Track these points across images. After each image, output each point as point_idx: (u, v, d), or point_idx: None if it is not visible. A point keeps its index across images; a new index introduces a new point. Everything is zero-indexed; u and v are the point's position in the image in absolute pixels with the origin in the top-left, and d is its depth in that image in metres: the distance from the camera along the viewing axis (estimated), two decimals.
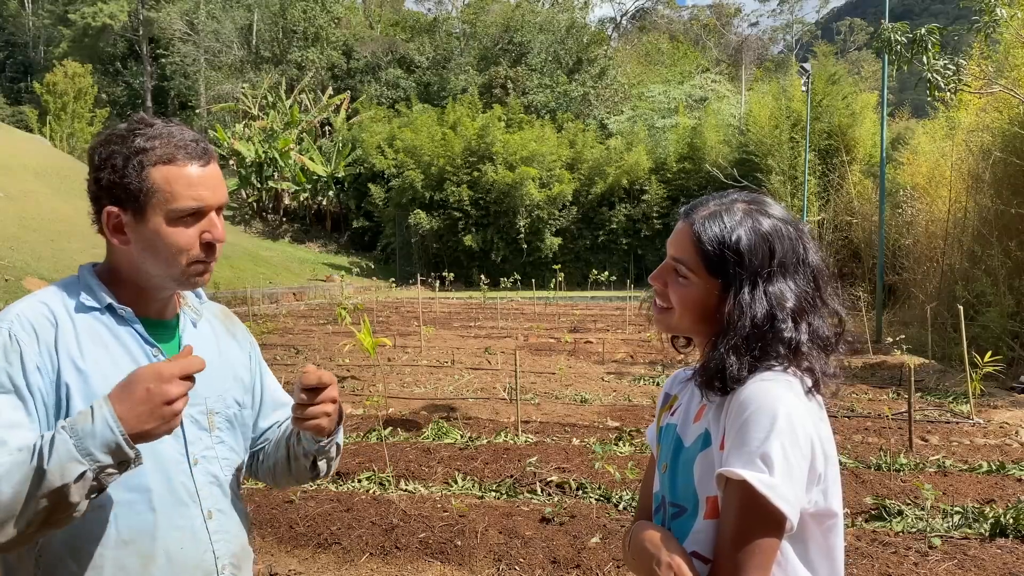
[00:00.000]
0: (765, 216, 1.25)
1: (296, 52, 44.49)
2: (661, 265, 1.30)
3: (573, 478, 4.84)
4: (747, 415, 1.15)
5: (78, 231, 20.70)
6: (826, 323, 1.25)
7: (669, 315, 1.30)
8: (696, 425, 1.27)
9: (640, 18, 64.93)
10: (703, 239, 1.24)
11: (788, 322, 1.21)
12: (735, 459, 1.13)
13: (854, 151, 23.73)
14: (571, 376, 9.24)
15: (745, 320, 1.20)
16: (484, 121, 33.34)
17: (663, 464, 1.33)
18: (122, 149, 1.31)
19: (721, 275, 1.23)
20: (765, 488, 1.10)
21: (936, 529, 4.00)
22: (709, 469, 1.20)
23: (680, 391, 1.41)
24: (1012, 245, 10.86)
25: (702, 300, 1.25)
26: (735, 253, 1.22)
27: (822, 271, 1.27)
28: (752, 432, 1.13)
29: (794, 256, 1.24)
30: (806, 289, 1.23)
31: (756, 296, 1.21)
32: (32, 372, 1.25)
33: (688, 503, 1.24)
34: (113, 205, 1.32)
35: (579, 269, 32.26)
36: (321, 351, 11.35)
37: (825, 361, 1.23)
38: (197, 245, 1.34)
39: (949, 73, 9.03)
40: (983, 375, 6.93)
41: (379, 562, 3.74)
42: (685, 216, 1.29)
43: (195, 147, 1.34)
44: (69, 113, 41.74)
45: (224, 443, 1.45)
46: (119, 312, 1.35)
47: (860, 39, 68.38)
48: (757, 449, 1.12)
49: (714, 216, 1.25)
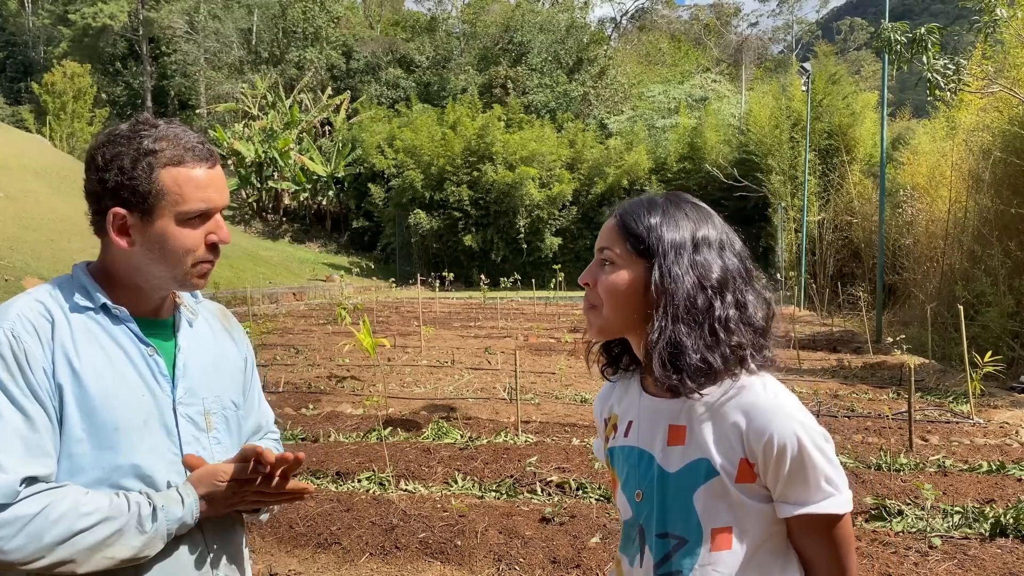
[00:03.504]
0: (685, 201, 1.29)
1: (296, 52, 44.48)
2: (588, 265, 1.31)
3: (573, 478, 4.84)
4: (782, 445, 1.15)
5: (78, 231, 20.69)
6: (758, 307, 1.25)
7: (597, 313, 1.27)
8: (680, 450, 1.22)
9: (640, 18, 64.91)
10: (626, 223, 1.26)
11: (717, 299, 1.20)
12: (803, 494, 1.18)
13: (854, 151, 23.74)
14: (571, 376, 9.24)
15: (676, 287, 1.19)
16: (484, 121, 33.32)
17: (635, 491, 1.28)
18: (129, 150, 1.31)
19: (646, 254, 1.23)
20: (843, 508, 1.18)
21: (936, 529, 4.00)
22: (718, 502, 1.19)
23: (618, 407, 1.37)
24: (1012, 245, 10.87)
25: (630, 284, 1.24)
26: (656, 228, 1.23)
27: (746, 256, 1.28)
28: (804, 461, 1.16)
29: (716, 236, 1.25)
30: (730, 266, 1.23)
31: (681, 264, 1.20)
32: (39, 374, 1.25)
33: (689, 535, 1.21)
34: (119, 206, 1.31)
35: (579, 269, 31.65)
36: (321, 351, 11.35)
37: (756, 340, 1.22)
38: (203, 246, 1.35)
39: (949, 73, 9.04)
40: (983, 375, 6.93)
41: (379, 562, 3.74)
42: (609, 215, 1.32)
43: (202, 149, 1.35)
44: (69, 113, 41.74)
45: (221, 443, 1.45)
46: (113, 311, 1.35)
47: (860, 39, 68.37)
48: (818, 475, 1.17)
49: (636, 204, 1.29)
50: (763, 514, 1.20)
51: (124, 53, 50.74)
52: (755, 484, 1.19)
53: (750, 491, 1.19)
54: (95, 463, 1.27)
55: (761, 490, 1.19)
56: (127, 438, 1.30)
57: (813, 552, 1.21)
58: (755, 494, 1.19)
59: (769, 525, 1.20)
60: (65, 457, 1.26)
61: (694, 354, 1.18)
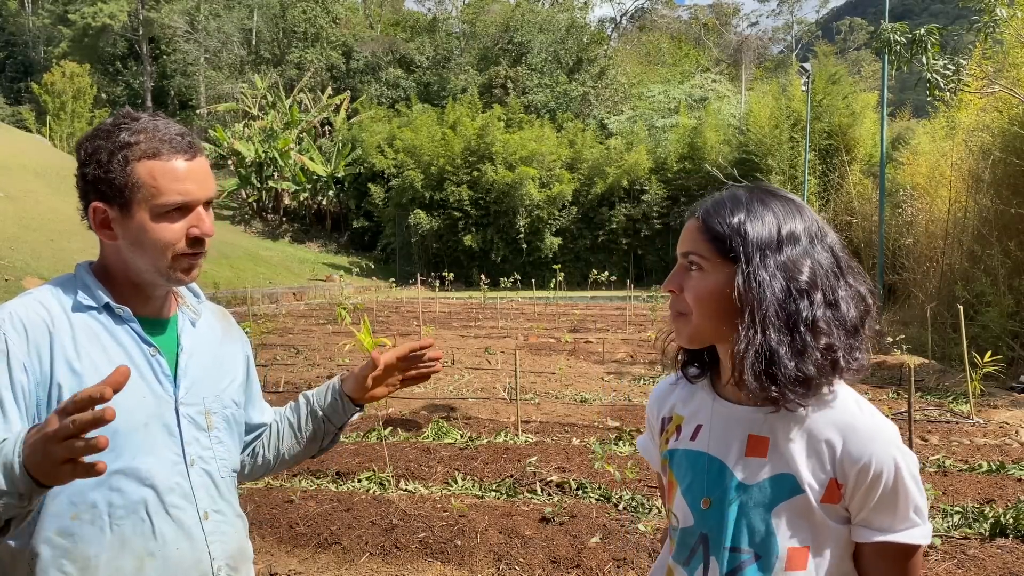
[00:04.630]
0: (771, 195, 1.21)
1: (296, 52, 44.48)
2: (673, 270, 1.23)
3: (573, 478, 4.84)
4: (879, 471, 1.12)
5: (78, 231, 20.64)
6: (851, 304, 1.16)
7: (686, 321, 1.20)
8: (761, 462, 1.18)
9: (640, 18, 64.91)
10: (710, 224, 1.18)
11: (805, 299, 1.13)
12: (888, 521, 1.15)
13: (854, 151, 23.73)
14: (571, 376, 9.24)
15: (765, 292, 1.12)
16: (484, 121, 33.33)
17: (703, 499, 1.22)
18: (107, 144, 1.30)
19: (733, 257, 1.16)
20: (924, 539, 1.15)
21: (936, 529, 4.00)
22: (799, 520, 1.16)
23: (683, 408, 1.31)
24: (1012, 245, 10.86)
25: (719, 289, 1.16)
26: (742, 229, 1.16)
27: (840, 249, 1.19)
28: (897, 489, 1.13)
29: (806, 230, 1.17)
30: (821, 263, 1.16)
31: (769, 268, 1.13)
32: (17, 370, 1.24)
33: (764, 551, 1.17)
34: (99, 200, 1.31)
35: (579, 269, 32.24)
36: (321, 351, 11.34)
37: (848, 342, 1.15)
38: (183, 240, 1.33)
39: (949, 73, 9.04)
40: (983, 375, 6.92)
41: (379, 562, 3.74)
42: (691, 215, 1.24)
43: (180, 141, 1.33)
44: (69, 113, 41.76)
45: (222, 443, 1.45)
46: (116, 311, 1.35)
47: (860, 39, 68.37)
48: (908, 504, 1.14)
49: (718, 203, 1.21)
50: (840, 536, 1.17)
51: (124, 53, 50.75)
52: (838, 505, 1.15)
53: (832, 512, 1.16)
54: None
55: (842, 512, 1.16)
56: (128, 440, 1.29)
57: None
58: (836, 515, 1.16)
59: (844, 548, 1.17)
60: None
61: (788, 363, 1.11)
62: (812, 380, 1.12)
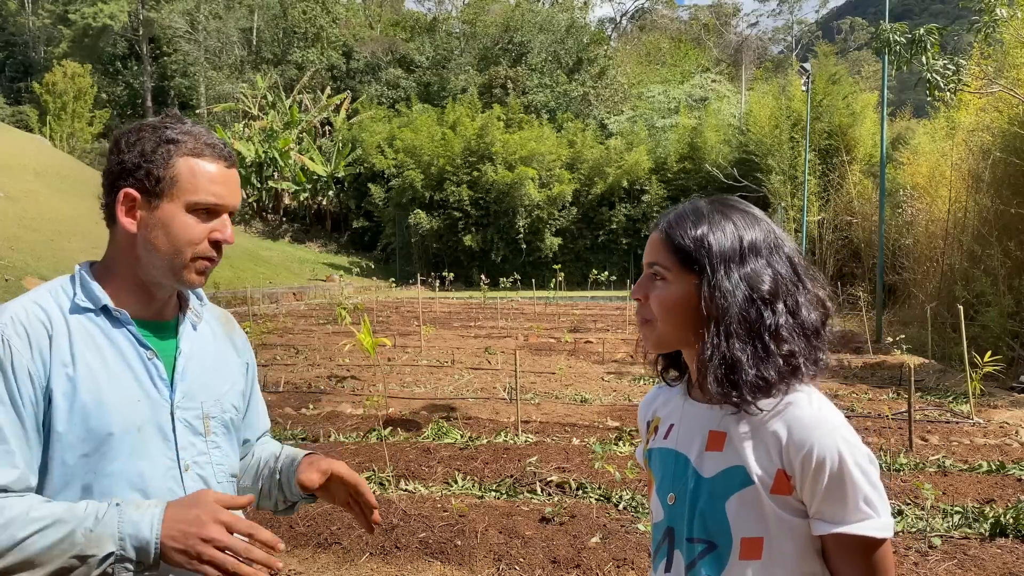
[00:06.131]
0: (731, 207, 1.26)
1: (296, 52, 44.48)
2: (639, 278, 1.29)
3: (573, 478, 4.84)
4: (821, 458, 1.13)
5: (78, 231, 20.70)
6: (811, 309, 1.21)
7: (652, 327, 1.26)
8: (717, 455, 1.22)
9: (640, 18, 64.93)
10: (672, 236, 1.24)
11: (767, 309, 1.18)
12: (839, 512, 1.15)
13: (854, 151, 23.72)
14: (571, 376, 9.25)
15: (728, 303, 1.18)
16: (484, 121, 33.32)
17: (669, 494, 1.28)
18: (153, 136, 1.35)
19: (696, 268, 1.21)
20: (881, 532, 1.15)
21: (936, 529, 4.00)
22: (750, 511, 1.18)
23: (662, 411, 1.38)
24: (1012, 245, 10.87)
25: (682, 299, 1.22)
26: (704, 241, 1.21)
27: (797, 257, 1.25)
28: (843, 478, 1.14)
29: (764, 241, 1.22)
30: (781, 272, 1.21)
31: (732, 279, 1.19)
32: (24, 380, 1.23)
33: (719, 540, 1.21)
34: (132, 187, 1.33)
35: (579, 269, 32.25)
36: (321, 351, 11.35)
37: (809, 346, 1.20)
38: (206, 241, 1.36)
39: (949, 73, 9.04)
40: (983, 375, 6.92)
41: (379, 562, 3.74)
42: (655, 227, 1.30)
43: (223, 148, 1.39)
44: (69, 113, 41.73)
45: (220, 448, 1.43)
46: (114, 314, 1.34)
47: (860, 39, 68.39)
48: (857, 495, 1.14)
49: (681, 215, 1.26)
50: (797, 530, 1.18)
51: (124, 53, 50.71)
52: (791, 497, 1.17)
53: (785, 504, 1.17)
54: (88, 469, 1.25)
55: (797, 504, 1.18)
56: (121, 444, 1.28)
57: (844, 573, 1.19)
58: (790, 508, 1.17)
59: (804, 542, 1.18)
60: (58, 464, 1.24)
61: (750, 369, 1.16)
62: (773, 385, 1.17)
